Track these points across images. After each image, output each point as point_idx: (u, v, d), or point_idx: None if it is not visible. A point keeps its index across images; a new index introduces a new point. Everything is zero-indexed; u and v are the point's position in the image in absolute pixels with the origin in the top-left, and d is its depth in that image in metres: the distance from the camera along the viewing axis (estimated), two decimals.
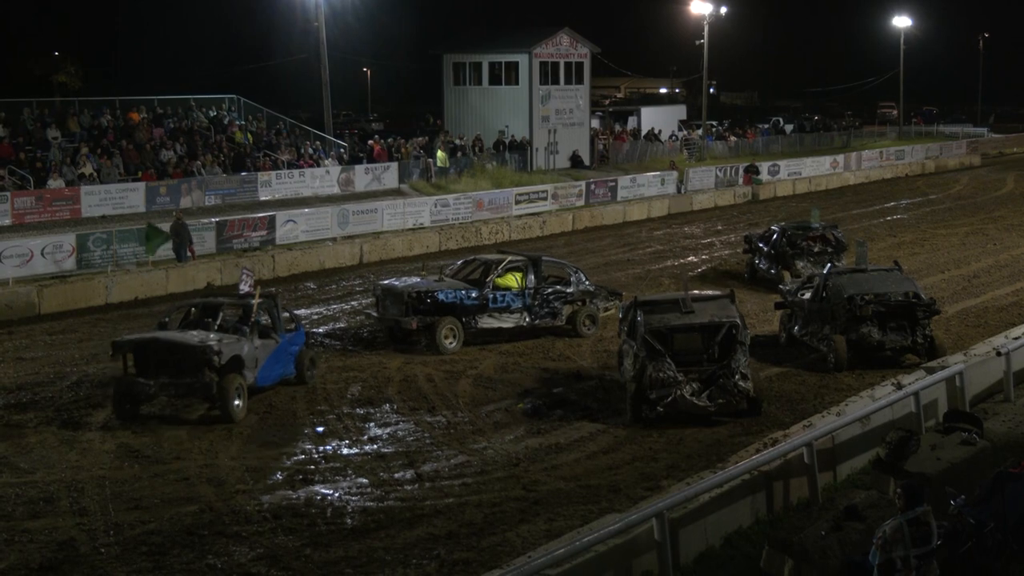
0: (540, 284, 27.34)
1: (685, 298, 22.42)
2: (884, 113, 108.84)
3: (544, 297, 27.32)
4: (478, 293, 26.64)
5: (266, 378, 22.21)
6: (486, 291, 26.71)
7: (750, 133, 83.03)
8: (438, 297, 26.36)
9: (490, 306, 26.73)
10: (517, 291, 27.04)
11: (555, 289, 27.60)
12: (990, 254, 39.56)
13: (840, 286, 24.90)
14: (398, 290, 26.57)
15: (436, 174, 56.19)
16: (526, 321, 27.17)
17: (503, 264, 27.45)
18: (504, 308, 26.90)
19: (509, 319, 27.00)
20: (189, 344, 21.08)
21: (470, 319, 26.49)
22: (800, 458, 15.79)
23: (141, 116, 52.60)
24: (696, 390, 20.46)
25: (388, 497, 17.16)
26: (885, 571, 10.96)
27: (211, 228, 37.88)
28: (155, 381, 20.94)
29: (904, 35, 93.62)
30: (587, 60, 67.71)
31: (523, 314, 27.10)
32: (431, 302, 26.30)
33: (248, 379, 21.45)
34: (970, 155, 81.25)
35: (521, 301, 27.04)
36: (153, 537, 15.58)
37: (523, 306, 27.07)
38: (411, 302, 26.15)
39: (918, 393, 18.48)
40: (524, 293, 27.07)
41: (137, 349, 21.39)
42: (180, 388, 20.96)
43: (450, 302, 26.39)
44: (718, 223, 49.51)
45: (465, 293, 26.58)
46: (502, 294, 26.87)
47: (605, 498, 16.83)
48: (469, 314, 26.48)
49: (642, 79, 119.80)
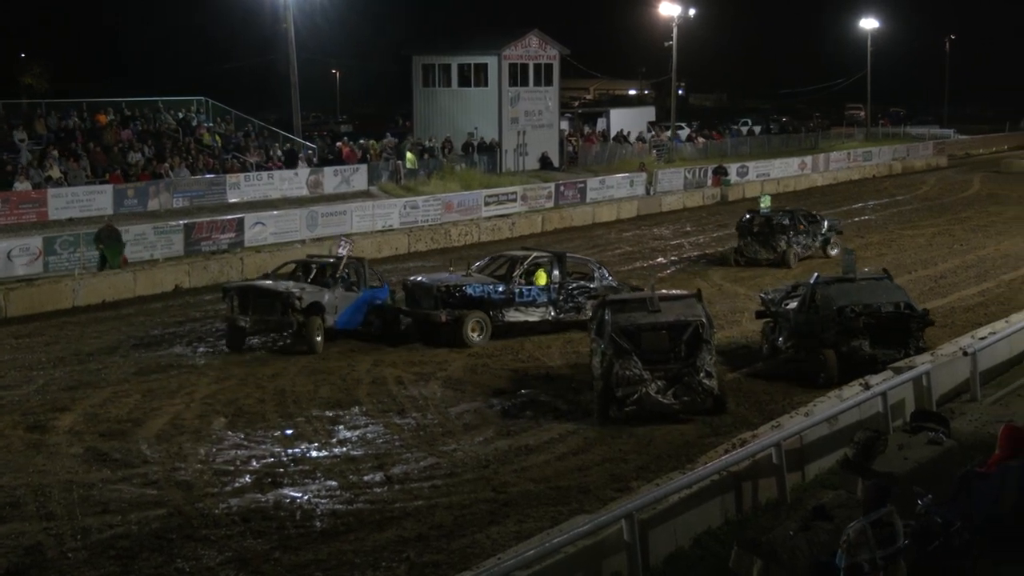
0: (565, 279, 28.10)
1: (652, 297, 22.63)
2: (852, 115, 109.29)
3: (569, 292, 28.05)
4: (505, 288, 27.44)
5: (346, 322, 27.10)
6: (513, 285, 27.51)
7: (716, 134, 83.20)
8: (466, 291, 27.04)
9: (516, 300, 27.53)
10: (543, 286, 27.86)
11: (579, 284, 28.30)
12: (956, 255, 39.80)
13: (829, 297, 23.89)
14: (427, 285, 27.41)
15: (405, 176, 56.07)
16: (551, 315, 27.91)
17: (528, 260, 28.48)
18: (530, 302, 27.69)
19: (535, 313, 27.77)
20: (276, 290, 26.30)
21: (497, 312, 27.27)
22: (769, 458, 15.83)
23: (109, 118, 52.26)
24: (662, 388, 20.62)
25: (357, 500, 17.12)
26: (852, 574, 10.99)
27: (179, 231, 37.72)
28: (251, 318, 26.05)
29: (871, 37, 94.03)
30: (556, 62, 67.73)
31: (548, 308, 27.86)
32: (460, 296, 26.98)
33: (328, 322, 26.55)
34: (937, 156, 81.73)
35: (547, 296, 27.83)
36: (121, 541, 15.50)
37: (548, 300, 27.83)
38: (440, 296, 26.89)
39: (885, 393, 18.56)
40: (549, 288, 27.86)
41: (239, 293, 26.43)
42: (269, 324, 26.45)
43: (478, 296, 27.14)
44: (687, 224, 49.65)
45: (493, 288, 27.38)
46: (528, 289, 27.72)
47: (575, 499, 16.84)
48: (496, 308, 27.25)
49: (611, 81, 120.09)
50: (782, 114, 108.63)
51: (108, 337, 28.02)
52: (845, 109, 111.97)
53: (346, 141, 61.88)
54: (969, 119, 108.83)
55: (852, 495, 14.63)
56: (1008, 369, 22.88)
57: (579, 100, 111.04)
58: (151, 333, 28.49)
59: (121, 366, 25.17)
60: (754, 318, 26.66)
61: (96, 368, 24.98)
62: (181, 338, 27.91)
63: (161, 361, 25.61)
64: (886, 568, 11.02)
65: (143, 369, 24.86)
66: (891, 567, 11.08)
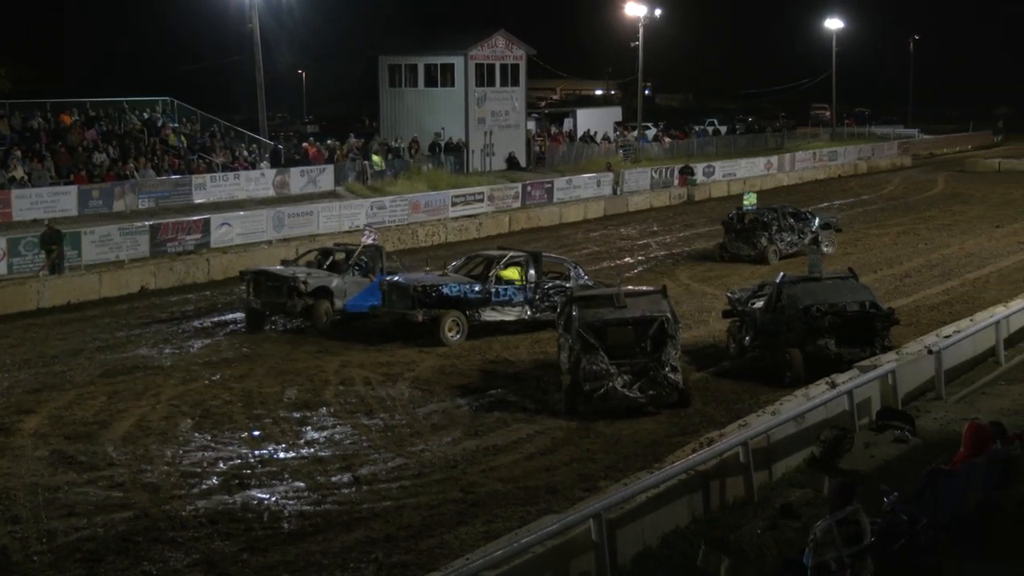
0: (540, 279, 28.20)
1: (619, 293, 23.01)
2: (817, 114, 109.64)
3: (544, 291, 28.12)
4: (481, 287, 27.53)
5: (356, 305, 28.76)
6: (489, 285, 27.60)
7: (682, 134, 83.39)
8: (443, 291, 27.09)
9: (493, 300, 27.64)
10: (519, 286, 27.92)
11: (555, 284, 28.41)
12: (921, 254, 40.05)
13: (795, 296, 23.95)
14: (404, 285, 27.40)
15: (372, 176, 55.97)
16: (527, 314, 28.00)
17: (504, 259, 28.51)
18: (506, 302, 27.81)
19: (511, 312, 27.87)
20: (283, 275, 28.64)
21: (474, 312, 27.37)
22: (736, 457, 15.88)
23: (73, 118, 51.98)
24: (628, 382, 21.04)
25: (325, 501, 17.08)
26: (819, 573, 11.03)
27: (145, 232, 37.49)
28: (261, 301, 28.41)
29: (836, 37, 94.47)
30: (523, 62, 67.74)
31: (524, 307, 27.95)
32: (436, 296, 27.01)
33: (337, 305, 28.66)
34: (901, 156, 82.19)
35: (523, 295, 27.92)
36: (87, 544, 15.41)
37: (524, 300, 27.94)
38: (417, 296, 26.92)
39: (852, 392, 18.64)
40: (525, 287, 27.95)
41: (253, 278, 28.94)
42: (277, 307, 28.45)
43: (455, 296, 27.21)
44: (654, 224, 49.76)
45: (469, 287, 27.47)
46: (504, 288, 27.82)
47: (543, 499, 16.85)
48: (473, 307, 27.35)
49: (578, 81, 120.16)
50: (748, 114, 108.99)
51: (73, 339, 27.87)
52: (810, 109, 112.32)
53: (312, 141, 61.70)
54: (933, 119, 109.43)
55: (819, 493, 14.69)
56: (972, 367, 23.05)
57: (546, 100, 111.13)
58: (117, 335, 28.35)
59: (86, 368, 25.03)
60: (721, 317, 26.75)
61: (61, 370, 24.84)
62: (147, 339, 27.79)
63: (127, 363, 25.49)
64: (853, 566, 11.07)
65: (109, 371, 24.73)
66: (858, 565, 11.12)
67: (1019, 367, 23.25)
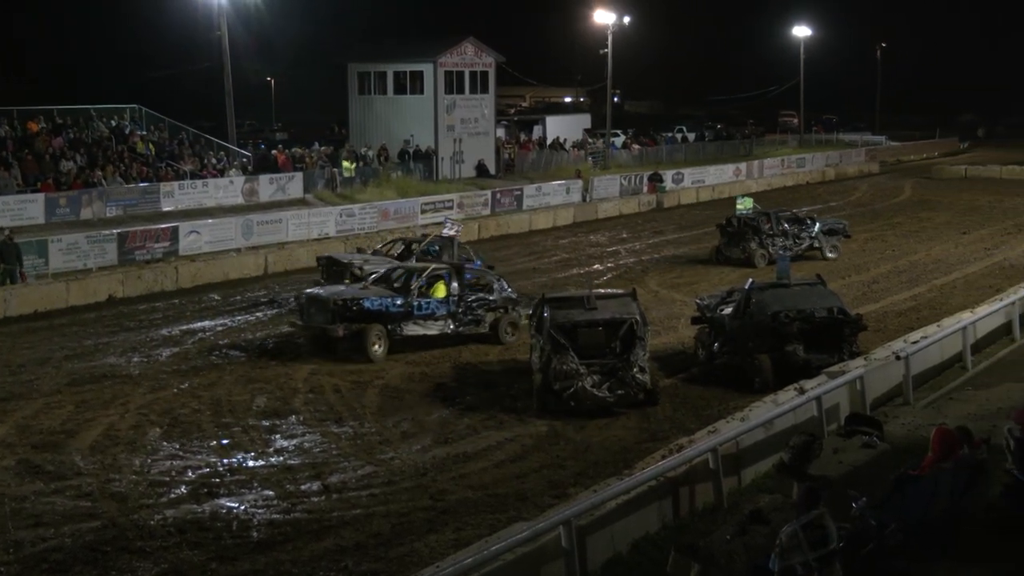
0: (464, 291, 27.41)
1: (589, 295, 23.55)
2: (785, 121, 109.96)
3: (468, 304, 27.40)
4: (404, 300, 26.63)
5: None
6: (411, 298, 26.72)
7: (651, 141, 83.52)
8: (364, 305, 26.23)
9: (415, 313, 26.72)
10: (442, 298, 27.10)
11: (479, 296, 27.70)
12: (888, 260, 40.28)
13: (764, 302, 24.10)
14: (323, 298, 26.55)
15: (341, 184, 55.82)
16: (450, 328, 27.19)
17: (427, 272, 27.62)
18: (429, 315, 26.92)
19: (434, 326, 27.02)
20: (343, 260, 32.44)
21: (396, 326, 26.46)
22: (705, 463, 15.91)
23: (40, 126, 51.64)
24: (597, 382, 21.49)
25: (295, 509, 17.04)
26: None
27: (112, 240, 37.30)
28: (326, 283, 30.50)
29: (804, 45, 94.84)
30: (492, 69, 67.75)
31: (447, 321, 27.13)
32: (357, 310, 26.16)
33: None
34: (869, 163, 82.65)
35: (446, 308, 27.09)
36: (54, 554, 15.33)
37: (447, 313, 27.11)
38: (337, 310, 26.06)
39: (820, 398, 18.72)
40: (448, 300, 27.13)
41: (325, 263, 33.07)
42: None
43: (376, 309, 26.31)
44: (623, 231, 49.84)
45: (391, 300, 26.54)
46: (427, 301, 26.91)
47: (513, 507, 16.86)
48: (395, 321, 26.43)
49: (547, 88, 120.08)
50: (716, 121, 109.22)
51: (40, 348, 27.68)
52: (779, 116, 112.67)
53: (281, 149, 61.53)
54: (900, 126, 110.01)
55: (788, 499, 14.75)
56: (940, 373, 23.19)
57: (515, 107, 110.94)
58: (84, 343, 28.17)
59: (54, 377, 24.87)
60: (690, 324, 26.80)
61: (28, 379, 24.67)
62: (115, 348, 27.63)
63: (95, 371, 25.35)
64: (821, 570, 11.11)
65: (76, 380, 24.58)
66: (825, 569, 11.17)
67: (986, 372, 23.40)
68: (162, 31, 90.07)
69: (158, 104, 60.94)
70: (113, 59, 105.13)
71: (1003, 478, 14.43)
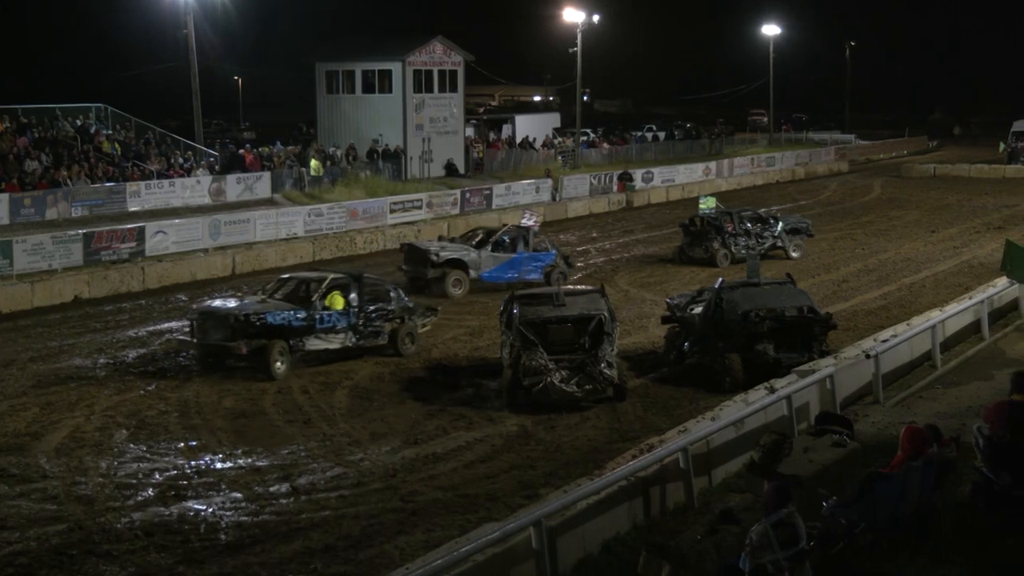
0: (363, 302, 26.20)
1: (558, 292, 24.01)
2: (755, 120, 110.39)
3: (368, 315, 26.17)
4: (306, 313, 25.15)
5: (492, 277, 34.23)
6: (314, 311, 25.32)
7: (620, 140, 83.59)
8: (267, 319, 24.61)
9: (317, 327, 25.31)
10: (342, 310, 25.74)
11: (378, 307, 26.47)
12: (858, 259, 40.42)
13: (734, 301, 24.04)
14: (221, 313, 24.95)
15: (309, 183, 55.61)
16: (352, 341, 25.94)
17: (326, 282, 26.08)
18: (331, 328, 25.56)
19: (335, 340, 25.70)
20: (421, 247, 34.68)
21: (297, 341, 25.02)
22: (676, 463, 15.89)
23: (4, 125, 51.21)
24: (566, 377, 21.79)
25: (263, 511, 16.93)
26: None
27: (78, 240, 36.98)
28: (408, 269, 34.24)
29: (773, 43, 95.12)
30: (461, 68, 67.62)
31: (349, 334, 25.85)
32: (261, 324, 24.53)
33: (472, 275, 33.90)
34: (839, 161, 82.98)
35: (347, 320, 25.77)
36: (19, 558, 15.19)
37: (348, 325, 25.80)
38: (238, 325, 24.38)
39: (790, 396, 18.74)
40: (349, 312, 25.83)
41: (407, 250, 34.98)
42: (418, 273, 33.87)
43: (279, 324, 24.72)
44: (593, 231, 49.85)
45: (292, 314, 24.99)
46: (328, 314, 25.47)
47: (483, 507, 16.81)
48: (297, 336, 24.98)
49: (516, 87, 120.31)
50: (686, 120, 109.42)
51: (5, 349, 27.43)
52: (748, 115, 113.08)
53: (249, 148, 61.25)
54: (870, 124, 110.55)
55: (759, 498, 14.71)
56: (909, 371, 23.29)
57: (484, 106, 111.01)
58: (49, 344, 27.93)
59: (19, 379, 24.65)
60: (660, 323, 26.79)
61: None
62: (81, 349, 27.41)
63: (60, 373, 25.14)
64: (791, 569, 11.10)
65: (41, 382, 24.38)
66: (796, 568, 11.15)
67: (955, 371, 23.50)
68: (129, 30, 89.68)
69: (124, 103, 60.52)
70: (78, 58, 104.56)
71: (972, 476, 14.48)
